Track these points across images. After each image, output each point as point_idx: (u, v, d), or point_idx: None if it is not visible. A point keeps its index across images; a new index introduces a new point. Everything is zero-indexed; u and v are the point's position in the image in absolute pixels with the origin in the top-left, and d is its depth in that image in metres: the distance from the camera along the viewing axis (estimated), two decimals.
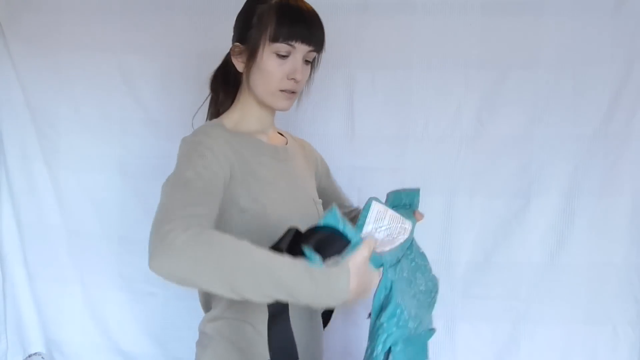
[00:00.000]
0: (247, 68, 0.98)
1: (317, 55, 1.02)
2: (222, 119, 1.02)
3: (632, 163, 1.42)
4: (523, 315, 1.48)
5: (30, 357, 1.69)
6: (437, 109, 1.48)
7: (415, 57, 1.47)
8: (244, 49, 0.98)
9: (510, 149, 1.46)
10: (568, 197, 1.44)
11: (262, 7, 0.95)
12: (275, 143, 1.07)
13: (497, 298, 1.49)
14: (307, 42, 0.95)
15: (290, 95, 0.99)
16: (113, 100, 1.57)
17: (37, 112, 1.60)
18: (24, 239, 1.66)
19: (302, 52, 0.96)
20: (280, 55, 0.95)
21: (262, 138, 1.03)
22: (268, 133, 1.06)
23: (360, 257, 0.78)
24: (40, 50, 1.57)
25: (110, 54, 1.55)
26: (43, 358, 1.69)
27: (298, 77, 0.96)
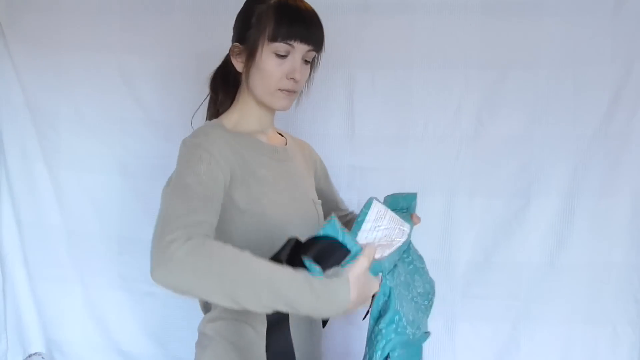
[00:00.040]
0: (246, 68, 0.98)
1: (316, 55, 1.02)
2: (221, 119, 1.02)
3: (632, 163, 1.42)
4: (523, 315, 1.48)
5: (30, 357, 1.69)
6: (437, 109, 1.48)
7: (415, 57, 1.47)
8: (243, 49, 0.98)
9: (510, 149, 1.46)
10: (568, 197, 1.44)
11: (261, 7, 0.95)
12: (275, 143, 1.07)
13: (497, 298, 1.49)
14: (306, 41, 0.95)
15: (290, 95, 0.99)
16: (113, 101, 1.57)
17: (37, 112, 1.60)
18: (24, 239, 1.66)
19: (301, 51, 0.95)
20: (279, 55, 0.94)
21: (261, 138, 1.03)
22: (268, 133, 1.06)
23: (360, 267, 0.78)
24: (41, 51, 1.57)
25: (110, 54, 1.55)
26: (43, 358, 1.69)
27: (297, 76, 0.96)
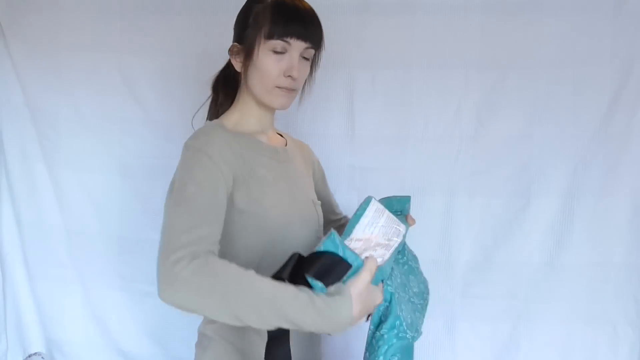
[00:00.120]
0: (244, 67, 0.98)
1: (316, 53, 1.01)
2: (222, 119, 1.01)
3: (632, 163, 1.42)
4: (523, 315, 1.48)
5: (30, 357, 1.69)
6: (437, 109, 1.48)
7: (415, 57, 1.47)
8: (241, 49, 0.98)
9: (510, 149, 1.46)
10: (568, 197, 1.44)
11: (258, 6, 0.95)
12: (275, 144, 1.07)
13: (496, 298, 1.49)
14: (302, 38, 0.94)
15: (288, 93, 0.98)
16: (113, 101, 1.57)
17: (37, 112, 1.60)
18: (24, 239, 1.66)
19: (298, 49, 0.95)
20: (276, 52, 0.94)
21: (262, 139, 1.03)
22: (268, 134, 1.06)
23: (362, 282, 0.80)
24: (41, 51, 1.57)
25: (110, 55, 1.55)
26: (43, 358, 1.69)
27: (294, 74, 0.95)
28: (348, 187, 1.50)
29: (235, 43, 1.00)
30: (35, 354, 1.69)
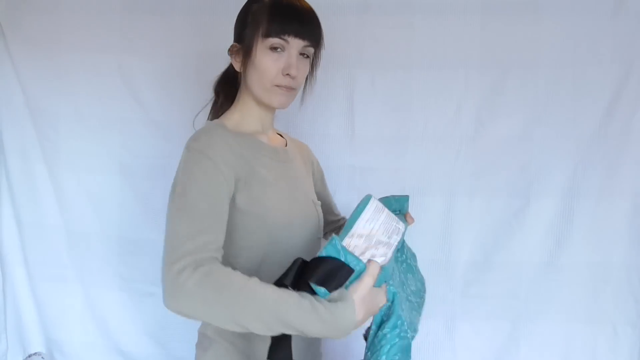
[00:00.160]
0: (243, 66, 0.98)
1: (316, 52, 1.01)
2: (222, 119, 1.01)
3: (632, 163, 1.42)
4: (522, 315, 1.49)
5: (30, 357, 1.69)
6: (437, 109, 1.48)
7: (415, 57, 1.47)
8: (240, 48, 0.98)
9: (510, 149, 1.46)
10: (568, 197, 1.45)
11: (256, 6, 0.96)
12: (275, 144, 1.07)
13: (496, 297, 1.49)
14: (300, 36, 0.94)
15: (287, 92, 0.98)
16: (113, 101, 1.57)
17: (37, 112, 1.60)
18: (24, 239, 1.66)
19: (296, 47, 0.95)
20: (274, 50, 0.94)
21: (262, 139, 1.03)
22: (268, 134, 1.06)
23: (365, 287, 0.80)
24: (41, 51, 1.57)
25: (110, 55, 1.55)
26: (43, 358, 1.69)
27: (293, 72, 0.95)
28: (348, 187, 1.50)
29: (235, 43, 1.00)
30: (35, 354, 1.69)
